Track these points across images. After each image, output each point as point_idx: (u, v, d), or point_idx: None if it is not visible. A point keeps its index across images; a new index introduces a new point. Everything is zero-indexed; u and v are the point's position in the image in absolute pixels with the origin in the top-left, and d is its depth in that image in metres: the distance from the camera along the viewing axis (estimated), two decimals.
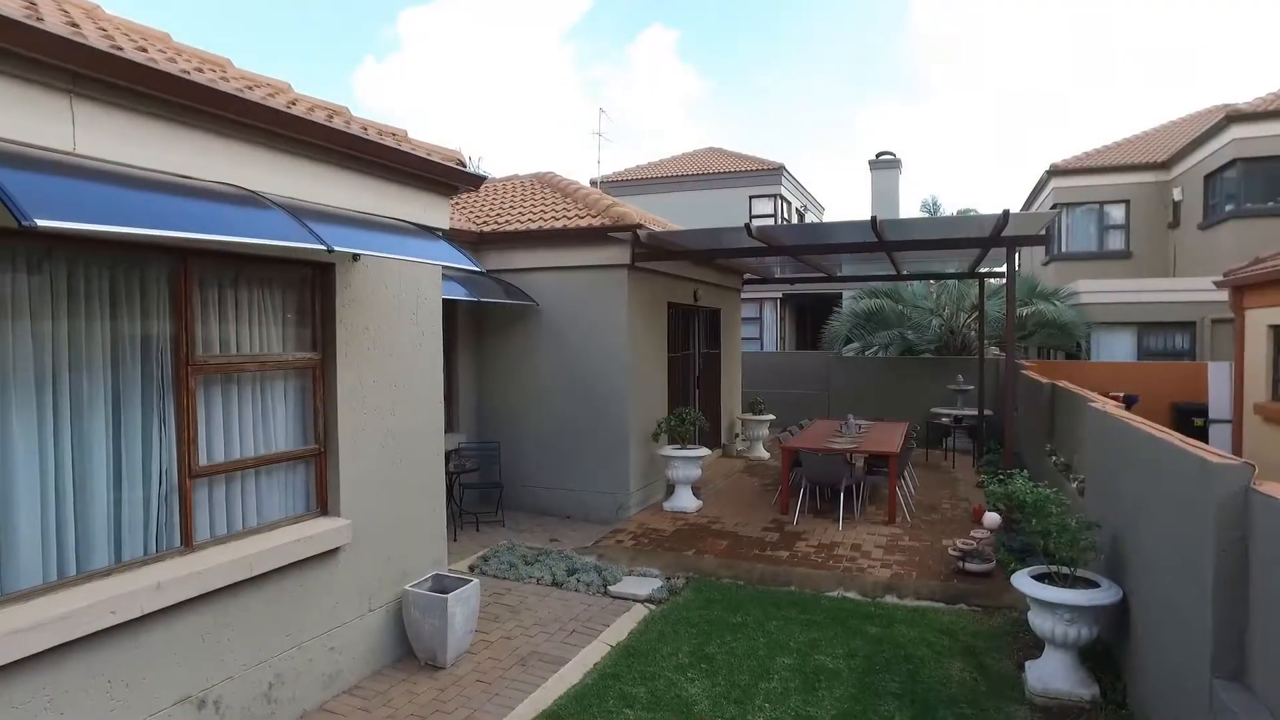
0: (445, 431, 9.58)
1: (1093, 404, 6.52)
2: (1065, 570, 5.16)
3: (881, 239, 7.85)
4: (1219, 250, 16.23)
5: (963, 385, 13.88)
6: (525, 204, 10.58)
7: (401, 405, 5.55)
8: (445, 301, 8.95)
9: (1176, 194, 18.50)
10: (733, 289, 13.78)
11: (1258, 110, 15.67)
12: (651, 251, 9.43)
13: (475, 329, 9.93)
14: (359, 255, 5.10)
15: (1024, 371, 12.12)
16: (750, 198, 23.74)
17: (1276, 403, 10.60)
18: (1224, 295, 15.10)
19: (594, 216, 9.46)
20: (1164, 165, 19.13)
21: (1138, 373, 14.28)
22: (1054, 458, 8.52)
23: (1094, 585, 5.11)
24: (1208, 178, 17.20)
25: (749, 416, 13.61)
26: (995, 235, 7.59)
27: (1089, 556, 5.03)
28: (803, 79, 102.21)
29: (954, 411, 13.34)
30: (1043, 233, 7.55)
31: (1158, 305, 15.78)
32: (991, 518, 7.16)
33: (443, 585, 5.64)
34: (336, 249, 3.55)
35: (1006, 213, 6.80)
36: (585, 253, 9.34)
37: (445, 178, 5.70)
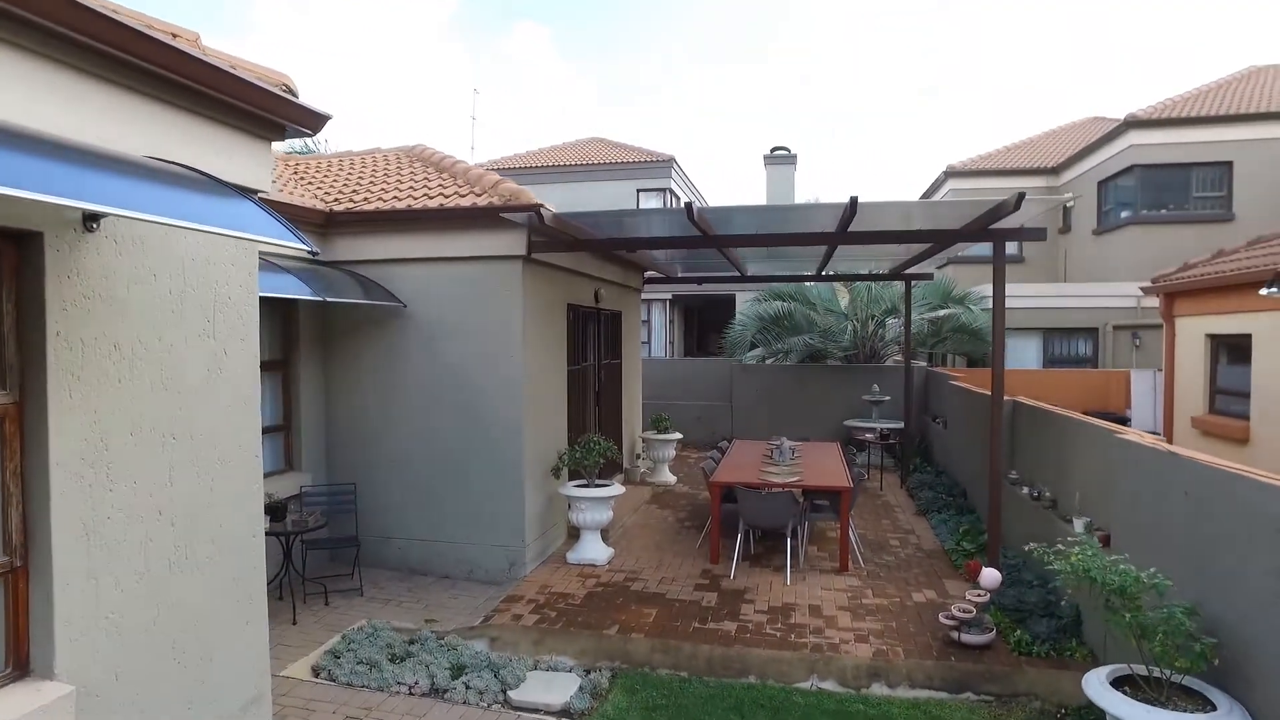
0: (284, 472, 7.31)
1: (1123, 436, 5.25)
2: (1159, 674, 3.81)
3: (845, 227, 6.36)
4: (1117, 256, 16.09)
5: (879, 396, 12.78)
6: (390, 180, 8.39)
7: (186, 467, 3.45)
8: (279, 302, 6.71)
9: (1068, 199, 18.41)
10: (634, 289, 12.05)
11: (1154, 117, 15.58)
12: (552, 241, 7.55)
13: (322, 338, 7.69)
14: (98, 218, 2.99)
15: (955, 383, 11.13)
16: (638, 191, 22.08)
17: (1215, 415, 10.01)
18: (1127, 302, 14.87)
19: (479, 195, 7.46)
20: (1054, 171, 19.06)
21: (1047, 381, 13.70)
22: (1026, 489, 7.32)
23: (1201, 700, 3.75)
24: (1102, 183, 17.11)
25: (653, 435, 11.90)
26: (985, 227, 6.26)
27: (1201, 665, 3.65)
28: (679, 80, 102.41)
29: (875, 425, 12.20)
30: (1038, 225, 6.26)
31: (1062, 311, 15.39)
32: (991, 576, 5.80)
33: None
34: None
35: (1022, 195, 5.44)
36: (469, 240, 7.35)
37: (262, 107, 3.63)
